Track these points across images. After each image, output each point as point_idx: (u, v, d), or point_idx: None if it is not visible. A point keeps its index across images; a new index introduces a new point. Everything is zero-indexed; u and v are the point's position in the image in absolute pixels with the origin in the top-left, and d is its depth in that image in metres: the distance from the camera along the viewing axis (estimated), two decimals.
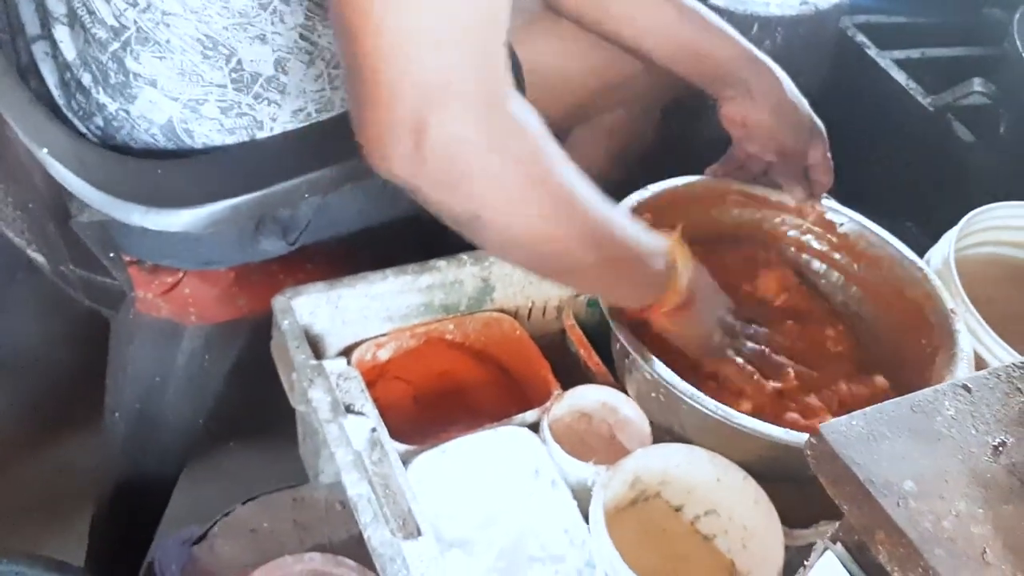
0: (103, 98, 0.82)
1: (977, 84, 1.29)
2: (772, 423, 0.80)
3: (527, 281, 0.97)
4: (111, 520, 1.08)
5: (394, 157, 0.62)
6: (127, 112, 0.82)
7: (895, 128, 1.38)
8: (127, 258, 0.90)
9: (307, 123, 0.85)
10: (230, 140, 0.83)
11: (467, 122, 0.61)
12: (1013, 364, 0.56)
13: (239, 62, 0.80)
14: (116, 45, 0.80)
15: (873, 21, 1.49)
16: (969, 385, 0.54)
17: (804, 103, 0.95)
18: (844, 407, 0.88)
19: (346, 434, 0.79)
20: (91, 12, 0.79)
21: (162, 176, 0.80)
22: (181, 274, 0.93)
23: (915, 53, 1.44)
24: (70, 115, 0.85)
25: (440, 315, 0.95)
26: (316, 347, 0.88)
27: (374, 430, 0.81)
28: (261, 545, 0.95)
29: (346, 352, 0.92)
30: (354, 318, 0.91)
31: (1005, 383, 0.55)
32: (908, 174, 1.37)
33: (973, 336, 0.91)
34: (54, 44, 0.85)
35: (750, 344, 0.90)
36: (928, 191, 1.33)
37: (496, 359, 0.97)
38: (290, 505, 0.98)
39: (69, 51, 0.84)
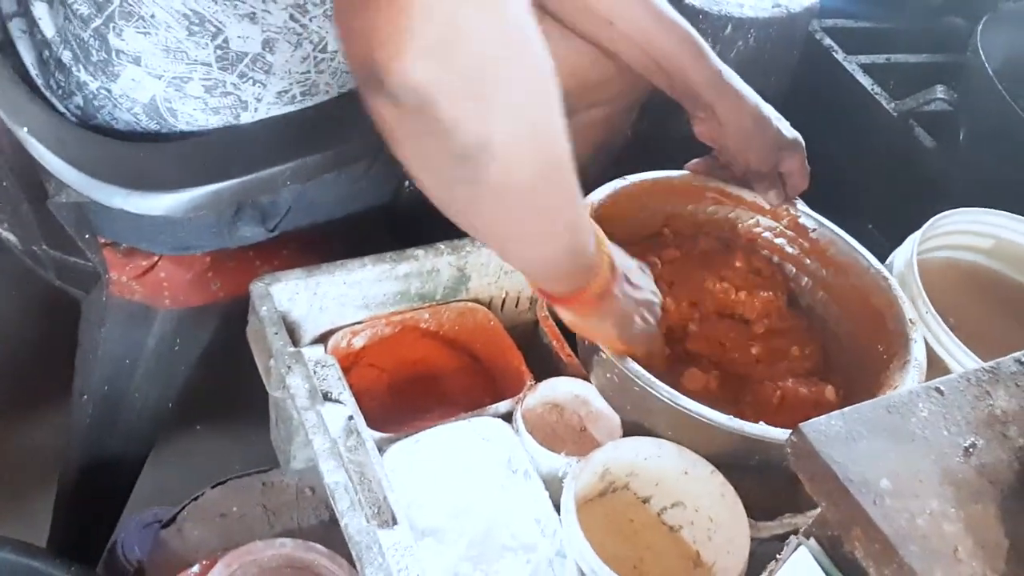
0: (84, 76, 0.81)
1: (939, 91, 1.33)
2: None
3: (502, 271, 0.98)
4: (75, 501, 1.07)
5: (416, 55, 0.50)
6: (109, 91, 0.81)
7: (859, 131, 1.41)
8: (102, 240, 0.89)
9: (292, 106, 0.85)
10: (214, 120, 0.83)
11: (498, 22, 0.51)
12: (982, 368, 0.58)
13: (226, 40, 0.79)
14: (99, 21, 0.78)
15: (841, 25, 1.52)
16: (942, 388, 0.56)
17: (773, 120, 0.96)
18: (784, 402, 0.90)
19: (323, 422, 0.79)
20: None
21: (144, 159, 0.79)
22: (156, 257, 0.92)
23: (880, 58, 1.47)
24: (48, 94, 0.84)
25: (416, 303, 0.95)
26: (292, 333, 0.88)
27: (351, 418, 0.81)
28: (230, 529, 0.95)
29: (321, 339, 0.92)
30: (331, 305, 0.91)
31: (975, 387, 0.57)
32: (871, 177, 1.40)
33: (933, 338, 0.94)
34: (32, 22, 0.83)
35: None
36: (890, 194, 1.36)
37: (470, 348, 0.98)
38: (260, 490, 0.98)
39: (48, 28, 0.82)
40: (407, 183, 1.02)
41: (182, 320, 0.98)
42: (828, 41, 1.46)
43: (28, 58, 0.84)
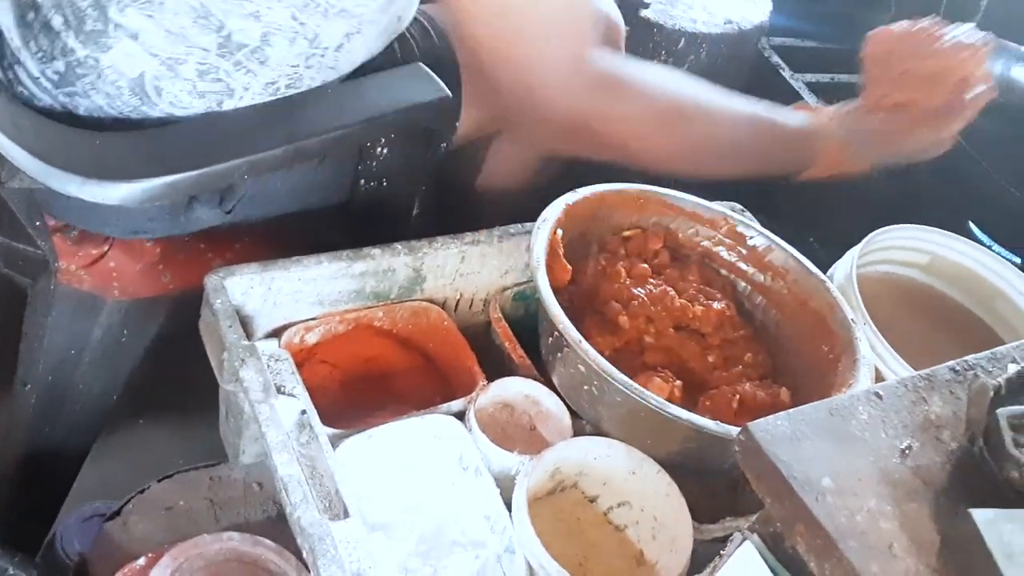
0: (73, 43, 0.79)
1: None
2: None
3: (457, 273, 0.99)
4: (15, 493, 1.05)
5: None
6: (96, 60, 0.79)
7: None
8: (52, 223, 0.88)
9: (272, 96, 0.86)
10: (198, 104, 0.83)
11: (562, 96, 0.89)
12: (919, 375, 0.61)
13: (229, 34, 0.79)
14: None
15: (789, 44, 1.56)
16: (881, 393, 0.59)
17: None
18: (743, 406, 0.92)
19: (277, 415, 0.80)
20: None
21: (101, 148, 0.78)
22: (106, 247, 0.91)
23: (825, 77, 1.52)
24: (25, 55, 0.82)
25: (370, 302, 0.96)
26: (245, 328, 0.88)
27: (304, 412, 0.82)
28: (176, 523, 0.94)
29: (274, 334, 0.92)
30: (285, 300, 0.91)
31: (912, 392, 0.60)
32: (813, 192, 1.43)
33: (870, 348, 0.98)
34: None
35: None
36: (830, 209, 1.40)
37: (423, 348, 0.99)
38: (207, 484, 0.97)
39: None
40: (363, 181, 1.03)
41: (130, 311, 0.97)
42: (776, 59, 1.51)
43: (6, 19, 0.82)
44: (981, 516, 0.52)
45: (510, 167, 1.17)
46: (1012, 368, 0.61)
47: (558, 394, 0.92)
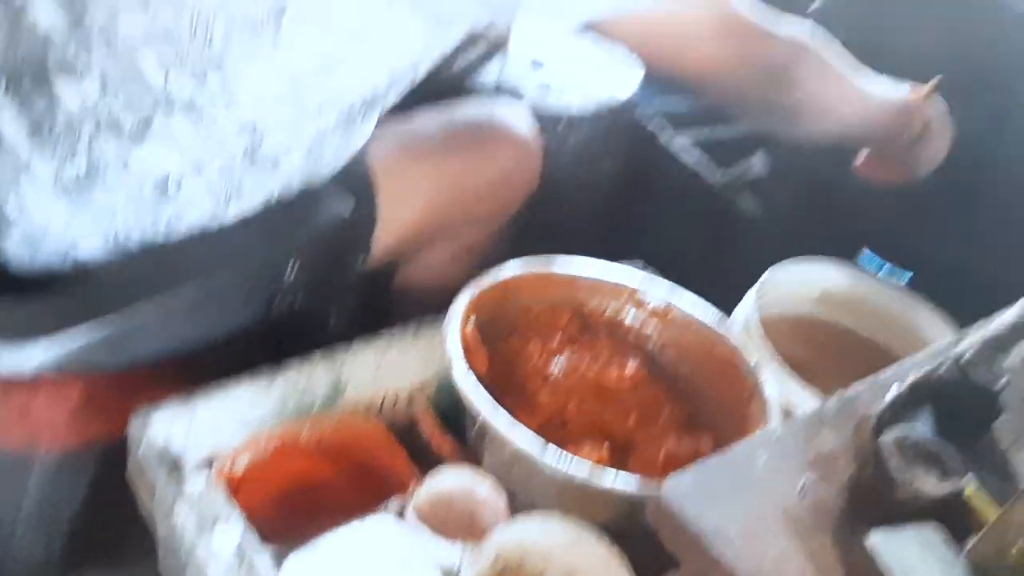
0: (104, 144, 0.81)
1: (756, 160, 1.45)
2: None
3: (378, 374, 1.01)
4: None
5: None
6: (126, 160, 0.81)
7: (687, 204, 1.51)
8: None
9: (261, 201, 0.89)
10: (207, 203, 0.86)
11: None
12: (810, 413, 0.66)
13: (261, 144, 0.83)
14: (148, 109, 0.79)
15: (665, 110, 1.63)
16: (776, 435, 0.64)
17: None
18: (669, 460, 0.95)
19: (214, 550, 0.81)
20: (135, 73, 0.78)
21: (9, 307, 0.79)
22: (33, 392, 0.91)
23: (703, 132, 1.59)
24: (36, 162, 0.82)
25: (295, 416, 0.97)
26: (175, 463, 0.89)
27: (242, 542, 0.83)
28: None
29: (205, 463, 0.93)
30: (210, 428, 0.92)
31: (804, 429, 0.65)
32: (703, 244, 1.49)
33: (781, 385, 1.02)
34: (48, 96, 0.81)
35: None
36: (722, 259, 1.45)
37: (353, 454, 1.00)
38: None
39: (73, 102, 0.81)
40: (277, 298, 1.05)
41: (61, 465, 0.96)
42: (655, 124, 1.57)
43: (16, 132, 0.82)
44: (877, 538, 0.56)
45: (428, 263, 1.21)
46: (890, 394, 0.66)
47: (493, 477, 0.94)
